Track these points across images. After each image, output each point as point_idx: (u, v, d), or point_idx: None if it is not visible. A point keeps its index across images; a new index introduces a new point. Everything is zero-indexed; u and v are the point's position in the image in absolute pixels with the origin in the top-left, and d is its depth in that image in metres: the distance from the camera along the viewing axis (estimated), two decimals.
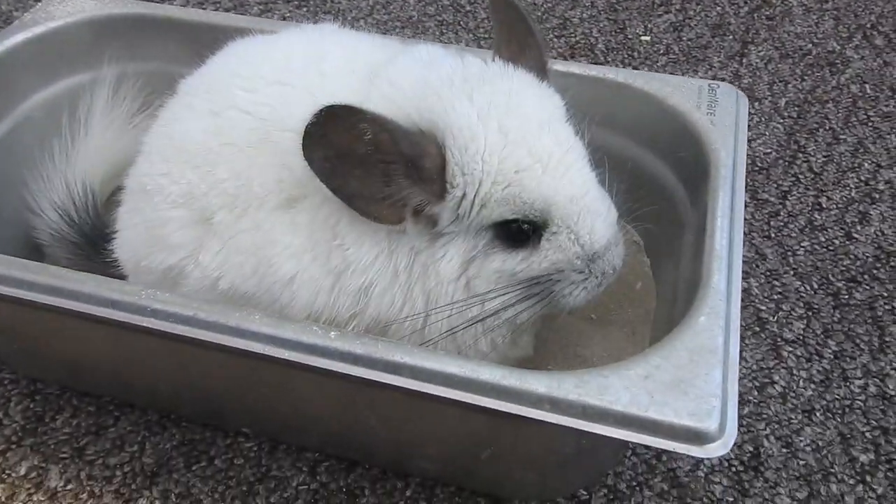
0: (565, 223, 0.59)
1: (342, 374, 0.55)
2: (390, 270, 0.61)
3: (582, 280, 0.61)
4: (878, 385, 0.79)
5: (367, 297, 0.61)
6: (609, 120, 0.80)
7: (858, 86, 1.15)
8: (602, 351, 0.79)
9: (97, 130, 0.84)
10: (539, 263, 0.60)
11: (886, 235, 0.94)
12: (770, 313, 0.85)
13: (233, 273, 0.64)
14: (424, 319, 0.61)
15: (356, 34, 0.73)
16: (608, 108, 0.79)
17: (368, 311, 0.62)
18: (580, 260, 0.60)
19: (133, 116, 0.86)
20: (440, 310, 0.61)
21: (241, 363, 0.63)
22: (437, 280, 0.60)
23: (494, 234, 0.60)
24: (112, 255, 0.74)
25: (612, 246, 0.61)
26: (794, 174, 1.02)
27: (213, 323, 0.58)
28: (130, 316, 0.59)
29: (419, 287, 0.61)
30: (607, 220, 0.61)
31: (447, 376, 0.54)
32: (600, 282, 0.61)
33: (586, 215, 0.59)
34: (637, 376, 0.52)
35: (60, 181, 0.81)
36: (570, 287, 0.61)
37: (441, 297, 0.61)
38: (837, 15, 1.29)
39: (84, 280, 0.61)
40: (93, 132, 0.83)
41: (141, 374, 0.74)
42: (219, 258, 0.64)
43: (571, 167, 0.59)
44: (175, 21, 0.88)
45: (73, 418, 0.78)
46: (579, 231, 0.59)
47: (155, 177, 0.67)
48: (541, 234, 0.60)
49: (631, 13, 1.29)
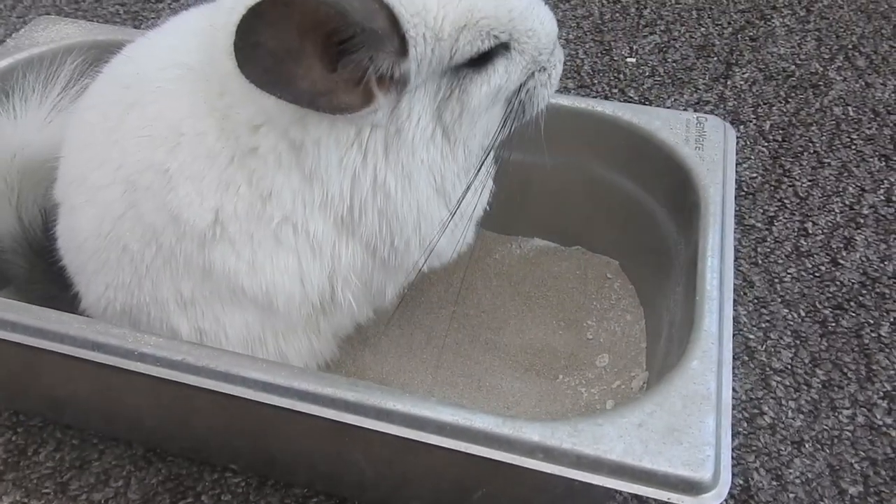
0: (524, 24, 0.59)
1: (333, 420, 0.55)
2: (369, 164, 0.59)
3: (546, 78, 0.62)
4: (865, 415, 0.79)
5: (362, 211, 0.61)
6: (599, 152, 0.81)
7: (841, 108, 1.16)
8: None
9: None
10: (515, 73, 0.60)
11: (871, 261, 0.95)
12: (758, 342, 0.86)
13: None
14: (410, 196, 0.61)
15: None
16: (598, 140, 0.79)
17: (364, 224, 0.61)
18: (542, 55, 0.61)
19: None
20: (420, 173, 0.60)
21: (228, 403, 0.62)
22: (409, 148, 0.59)
23: (460, 67, 0.58)
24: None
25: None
26: (779, 199, 1.02)
27: (203, 368, 0.57)
28: (117, 360, 0.58)
29: (392, 167, 0.60)
30: (546, 7, 0.61)
31: (440, 424, 0.53)
32: (558, 73, 0.63)
33: (535, 8, 0.60)
34: (631, 424, 0.52)
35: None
36: (539, 88, 0.62)
37: (415, 169, 0.60)
38: (819, 36, 1.30)
39: (69, 322, 0.60)
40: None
41: (125, 410, 0.73)
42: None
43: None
44: None
45: (56, 452, 0.77)
46: (535, 28, 0.59)
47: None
48: (507, 45, 0.59)
49: (616, 34, 1.29)
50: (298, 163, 0.59)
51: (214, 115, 0.59)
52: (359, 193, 0.60)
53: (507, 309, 0.87)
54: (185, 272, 0.64)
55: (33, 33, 0.85)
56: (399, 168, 0.59)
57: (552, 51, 0.62)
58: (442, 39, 0.55)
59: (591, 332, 0.84)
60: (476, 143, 0.62)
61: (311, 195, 0.60)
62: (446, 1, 0.55)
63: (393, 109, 0.57)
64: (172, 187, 0.61)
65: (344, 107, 0.55)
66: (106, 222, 0.64)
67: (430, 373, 0.82)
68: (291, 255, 0.63)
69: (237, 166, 0.60)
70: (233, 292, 0.64)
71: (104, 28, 0.88)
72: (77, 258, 0.69)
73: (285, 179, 0.60)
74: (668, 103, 1.16)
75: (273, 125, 0.58)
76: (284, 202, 0.60)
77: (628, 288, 0.87)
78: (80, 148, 0.66)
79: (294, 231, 0.61)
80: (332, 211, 0.61)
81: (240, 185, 0.60)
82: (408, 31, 0.54)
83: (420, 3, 0.54)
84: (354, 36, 0.52)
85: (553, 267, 0.91)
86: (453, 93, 0.58)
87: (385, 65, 0.55)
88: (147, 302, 0.66)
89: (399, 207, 0.61)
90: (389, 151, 0.59)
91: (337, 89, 0.54)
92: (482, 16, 0.56)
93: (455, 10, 0.55)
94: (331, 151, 0.58)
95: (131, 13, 1.32)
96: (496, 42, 0.57)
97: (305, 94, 0.53)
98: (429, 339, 0.85)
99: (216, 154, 0.60)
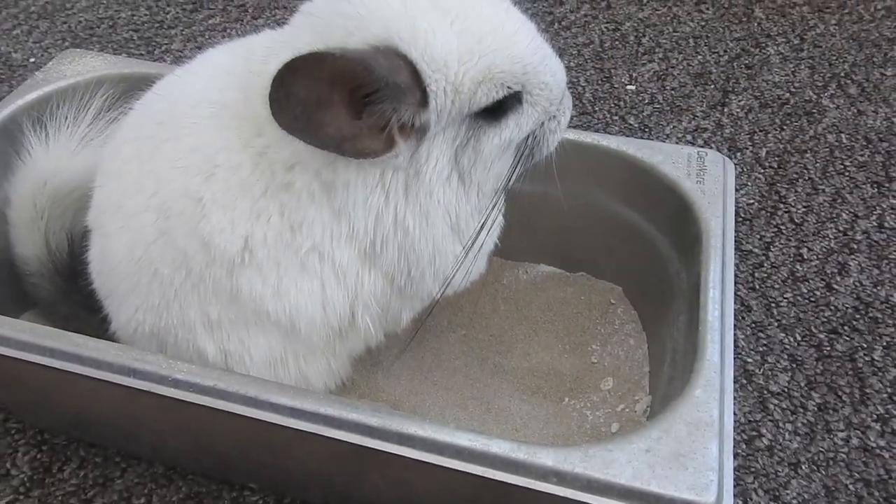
0: (537, 78, 0.62)
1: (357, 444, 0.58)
2: (391, 203, 0.63)
3: (556, 125, 0.66)
4: (860, 437, 0.82)
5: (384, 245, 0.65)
6: (604, 184, 0.84)
7: (835, 135, 1.20)
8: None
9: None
10: (526, 124, 0.64)
11: (865, 286, 0.98)
12: (756, 366, 0.89)
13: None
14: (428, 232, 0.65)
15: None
16: (603, 172, 0.82)
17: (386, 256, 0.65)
18: (553, 105, 0.65)
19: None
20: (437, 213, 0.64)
21: (250, 426, 0.65)
22: (427, 189, 0.63)
23: (475, 117, 0.62)
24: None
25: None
26: (776, 225, 1.06)
27: (232, 393, 0.60)
28: (151, 385, 0.61)
29: (411, 207, 0.64)
30: (557, 59, 0.65)
31: (458, 449, 0.57)
32: (567, 119, 0.67)
33: (548, 61, 0.63)
34: (639, 450, 0.55)
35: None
36: (548, 134, 0.66)
37: (432, 209, 0.64)
38: (812, 64, 1.34)
39: (105, 348, 0.63)
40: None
41: (148, 430, 0.76)
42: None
43: (518, 21, 0.62)
44: None
45: (80, 469, 0.79)
46: (547, 80, 0.63)
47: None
48: (519, 97, 0.63)
49: (616, 62, 1.33)
50: (329, 200, 0.63)
51: (249, 150, 0.63)
52: (381, 229, 0.64)
53: (514, 332, 0.91)
54: (212, 296, 0.67)
55: (60, 66, 0.89)
56: (417, 207, 0.64)
57: (562, 100, 0.66)
58: (461, 92, 0.59)
59: (595, 356, 0.87)
60: (489, 185, 0.66)
61: (338, 229, 0.64)
62: (467, 58, 0.58)
63: (413, 154, 0.62)
64: (205, 215, 0.64)
65: (368, 151, 0.59)
66: (138, 247, 0.67)
67: (440, 395, 0.85)
68: (316, 281, 0.66)
69: (270, 198, 0.63)
70: (258, 316, 0.68)
71: (129, 61, 0.91)
72: (109, 282, 0.72)
73: (317, 213, 0.63)
74: (667, 130, 1.20)
75: (306, 166, 0.62)
76: (314, 233, 0.64)
77: (631, 313, 0.90)
78: (116, 178, 0.70)
79: (320, 259, 0.65)
80: (356, 243, 0.65)
81: (271, 216, 0.64)
82: (429, 85, 0.58)
83: (441, 60, 0.58)
84: (379, 89, 0.56)
85: (559, 292, 0.94)
86: (469, 140, 0.62)
87: (407, 115, 0.59)
88: (175, 324, 0.69)
89: (417, 243, 0.65)
90: (409, 192, 0.63)
91: (362, 135, 0.58)
92: (499, 71, 0.60)
93: (475, 67, 0.59)
94: (358, 192, 0.62)
95: (144, 39, 1.36)
96: (510, 92, 0.61)
97: (333, 139, 0.57)
98: (439, 361, 0.88)
99: (250, 185, 0.64)
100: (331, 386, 0.75)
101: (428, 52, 0.57)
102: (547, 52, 0.63)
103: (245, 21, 1.41)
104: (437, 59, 0.57)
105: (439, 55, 0.58)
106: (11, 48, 1.33)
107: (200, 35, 1.37)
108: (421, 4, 0.58)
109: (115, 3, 1.45)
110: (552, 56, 0.64)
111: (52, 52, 1.32)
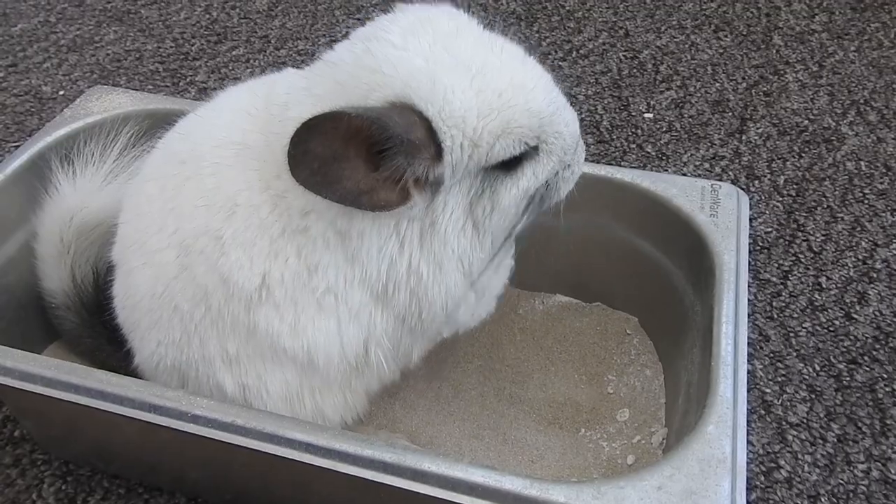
0: (552, 128, 0.64)
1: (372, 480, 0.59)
2: (405, 252, 0.65)
3: (570, 173, 0.68)
4: (880, 469, 0.82)
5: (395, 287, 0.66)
6: (619, 216, 0.85)
7: (854, 163, 1.19)
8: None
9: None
10: (542, 174, 0.65)
11: (885, 315, 0.97)
12: (775, 396, 0.89)
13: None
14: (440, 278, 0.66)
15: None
16: (618, 205, 0.83)
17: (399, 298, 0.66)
18: (567, 154, 0.66)
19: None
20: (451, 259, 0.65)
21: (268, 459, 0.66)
22: (442, 239, 0.64)
23: (492, 168, 0.63)
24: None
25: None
26: (794, 253, 1.06)
27: (251, 429, 0.61)
28: (171, 421, 0.63)
29: (426, 255, 0.65)
30: (571, 109, 0.66)
31: (471, 485, 0.57)
32: (580, 168, 0.69)
33: (563, 112, 0.65)
34: (651, 487, 0.56)
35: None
36: (561, 183, 0.68)
37: (446, 258, 0.65)
38: (832, 91, 1.33)
39: (128, 385, 0.65)
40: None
41: (169, 462, 0.77)
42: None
43: (536, 74, 0.64)
44: None
45: (104, 500, 0.81)
46: (561, 131, 0.65)
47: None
48: (536, 148, 0.64)
49: (634, 90, 1.34)
50: (343, 247, 0.64)
51: (269, 192, 0.65)
52: (394, 275, 0.65)
53: (530, 363, 0.91)
54: (231, 331, 0.69)
55: (87, 103, 0.91)
56: (432, 256, 0.65)
57: (576, 149, 0.67)
58: (480, 146, 0.61)
59: (611, 387, 0.88)
60: (501, 234, 0.67)
61: (352, 273, 0.65)
62: (485, 113, 0.60)
63: (429, 205, 0.63)
64: (224, 252, 0.66)
65: (384, 204, 0.61)
66: (160, 283, 0.69)
67: (457, 425, 0.85)
68: (332, 319, 0.68)
69: (287, 239, 0.65)
70: (274, 351, 0.69)
71: (154, 97, 0.94)
72: (132, 316, 0.74)
73: (331, 258, 0.65)
74: (684, 158, 1.20)
75: (321, 215, 0.64)
76: (329, 276, 0.65)
77: (647, 343, 0.91)
78: (139, 215, 0.72)
79: (336, 300, 0.67)
80: (369, 286, 0.66)
81: (288, 257, 0.65)
82: (444, 140, 0.60)
83: (459, 117, 0.59)
84: (394, 146, 0.58)
85: (575, 322, 0.95)
86: (485, 192, 0.64)
87: (421, 169, 0.60)
88: (196, 359, 0.71)
89: (429, 289, 0.66)
90: (424, 241, 0.65)
91: (378, 188, 0.60)
92: (517, 126, 0.61)
93: (493, 123, 0.60)
94: (372, 240, 0.64)
95: (170, 70, 1.39)
96: (527, 147, 0.63)
97: (350, 193, 0.59)
98: (456, 392, 0.89)
99: (269, 225, 0.65)
100: (347, 420, 0.76)
101: (446, 109, 0.59)
102: (562, 102, 0.65)
103: (268, 52, 1.43)
104: (454, 115, 0.59)
105: (458, 112, 0.59)
106: (42, 81, 1.37)
107: (224, 66, 1.40)
108: (443, 60, 0.60)
109: (141, 36, 1.49)
110: (566, 107, 0.66)
111: (80, 84, 1.36)
